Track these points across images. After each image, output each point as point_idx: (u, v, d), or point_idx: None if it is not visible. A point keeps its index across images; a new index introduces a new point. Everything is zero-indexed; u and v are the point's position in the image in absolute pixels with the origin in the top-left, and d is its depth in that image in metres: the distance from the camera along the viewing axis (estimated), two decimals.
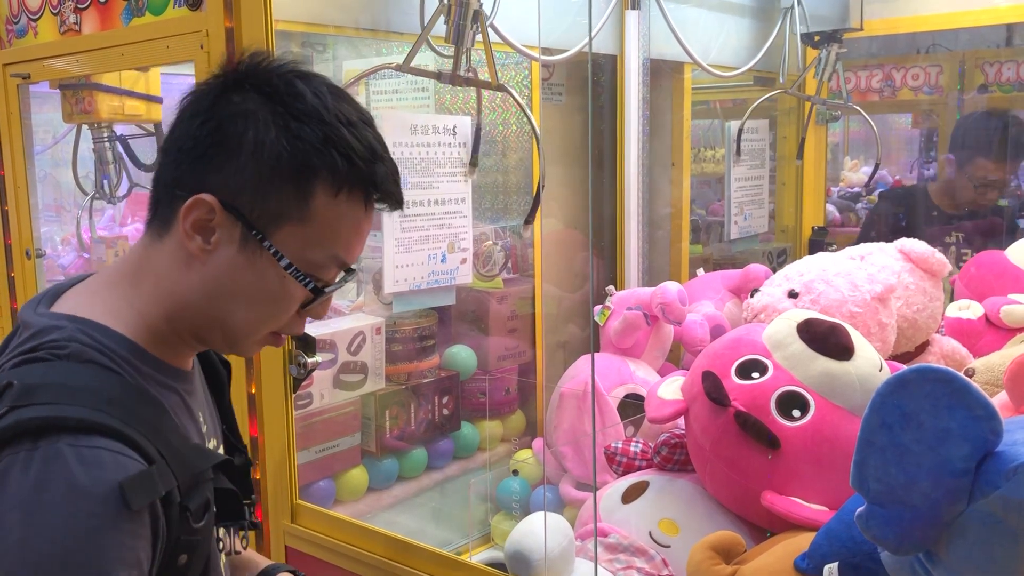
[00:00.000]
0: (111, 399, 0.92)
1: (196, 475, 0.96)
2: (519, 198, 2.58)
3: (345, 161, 0.97)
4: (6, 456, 0.87)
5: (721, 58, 2.87)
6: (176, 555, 0.95)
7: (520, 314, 2.55)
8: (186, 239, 0.97)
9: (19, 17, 2.38)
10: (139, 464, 0.89)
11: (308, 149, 0.96)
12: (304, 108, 0.96)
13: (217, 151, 0.97)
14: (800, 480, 1.55)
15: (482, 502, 2.30)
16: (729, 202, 3.01)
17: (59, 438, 0.87)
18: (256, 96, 0.97)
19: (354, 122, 0.99)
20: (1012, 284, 2.28)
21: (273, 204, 0.97)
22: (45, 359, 0.93)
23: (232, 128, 0.96)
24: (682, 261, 2.91)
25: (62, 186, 3.46)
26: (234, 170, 0.96)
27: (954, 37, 3.27)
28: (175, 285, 1.01)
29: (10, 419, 0.88)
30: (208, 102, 0.99)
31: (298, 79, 0.99)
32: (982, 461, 1.01)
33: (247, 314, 1.02)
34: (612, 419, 2.13)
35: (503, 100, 2.52)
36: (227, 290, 1.00)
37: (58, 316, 0.99)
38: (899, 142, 4.30)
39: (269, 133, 0.95)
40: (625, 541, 1.69)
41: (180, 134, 0.99)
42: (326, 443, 2.13)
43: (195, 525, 0.95)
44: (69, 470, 0.85)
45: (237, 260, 0.98)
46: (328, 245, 1.00)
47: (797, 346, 1.65)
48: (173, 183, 0.99)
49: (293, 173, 0.96)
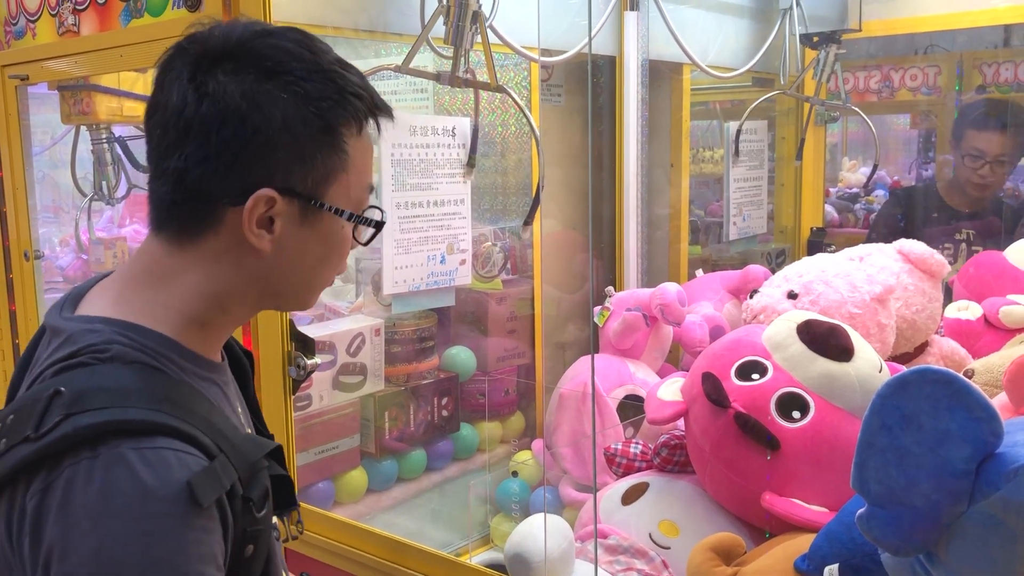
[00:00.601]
0: (164, 397, 0.92)
1: (252, 465, 0.97)
2: (518, 199, 2.58)
3: (356, 99, 0.99)
4: (67, 466, 0.86)
5: (720, 59, 2.88)
6: (243, 547, 0.95)
7: (519, 315, 2.56)
8: (252, 238, 0.97)
9: (17, 18, 2.38)
10: (202, 460, 0.89)
11: (329, 105, 0.97)
12: (301, 67, 0.96)
13: (250, 147, 0.95)
14: (800, 481, 1.55)
15: (482, 503, 2.30)
16: (728, 203, 3.01)
17: (120, 443, 0.86)
18: (251, 75, 0.95)
19: (338, 58, 1.00)
20: (1011, 285, 2.28)
21: (320, 168, 0.98)
22: (88, 364, 0.92)
23: (253, 118, 0.94)
24: (681, 262, 2.91)
25: (60, 187, 3.46)
26: (275, 157, 0.96)
27: (952, 38, 3.27)
28: (223, 284, 1.01)
29: (66, 427, 0.86)
30: (206, 101, 0.95)
31: (272, 39, 0.97)
32: (982, 462, 1.01)
33: (318, 273, 1.05)
34: (612, 420, 2.13)
35: (502, 101, 2.52)
36: (296, 263, 1.02)
37: (90, 319, 0.97)
38: (897, 143, 4.30)
39: (289, 106, 0.95)
40: (625, 543, 1.69)
41: (196, 142, 0.95)
42: (325, 444, 2.13)
43: (258, 515, 0.96)
44: (136, 474, 0.85)
45: (301, 233, 1.00)
46: (364, 178, 1.04)
47: (797, 347, 1.65)
48: (208, 193, 0.96)
49: (326, 132, 0.98)
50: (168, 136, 0.97)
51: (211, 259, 0.99)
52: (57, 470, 0.86)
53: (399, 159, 2.08)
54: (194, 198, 0.97)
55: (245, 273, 1.01)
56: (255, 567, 0.98)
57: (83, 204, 2.99)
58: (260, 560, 0.99)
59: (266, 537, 0.99)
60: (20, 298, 2.52)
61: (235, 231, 0.97)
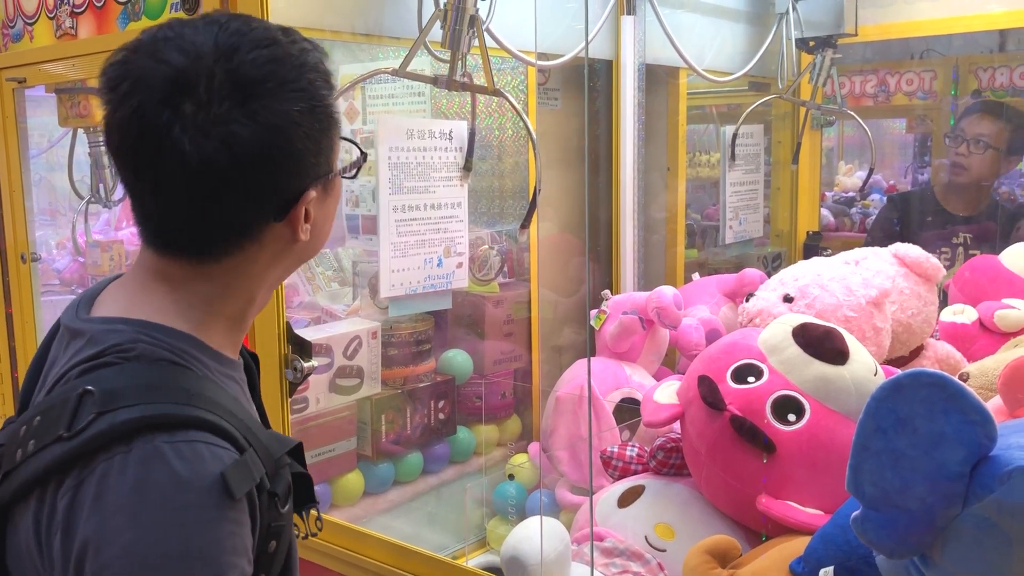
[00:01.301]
0: (193, 393, 0.92)
1: (276, 461, 0.98)
2: (515, 202, 2.59)
3: (323, 65, 1.00)
4: (101, 462, 0.86)
5: (717, 63, 2.88)
6: (267, 542, 0.96)
7: (516, 318, 2.56)
8: (303, 235, 1.00)
9: (15, 21, 2.38)
10: (233, 454, 0.90)
11: (318, 87, 0.98)
12: (287, 68, 0.95)
13: (282, 170, 0.95)
14: (796, 484, 1.55)
15: (478, 506, 2.30)
16: (724, 207, 3.02)
17: (154, 437, 0.87)
18: (257, 102, 0.92)
19: (283, 28, 0.99)
20: (1006, 288, 2.28)
21: (327, 147, 1.01)
22: (115, 363, 0.92)
23: (279, 145, 0.93)
24: (677, 265, 2.92)
25: (57, 190, 3.46)
26: (304, 164, 0.97)
27: (948, 43, 3.28)
28: (260, 281, 1.03)
29: (101, 424, 0.87)
30: (226, 150, 0.91)
31: (243, 55, 0.93)
32: (977, 465, 1.01)
33: (330, 225, 1.08)
34: (608, 423, 2.13)
35: (499, 105, 2.53)
36: (323, 229, 1.06)
37: (111, 320, 0.98)
38: (893, 147, 4.31)
39: (302, 115, 0.95)
40: (621, 545, 1.70)
41: (229, 188, 0.92)
42: (322, 447, 2.13)
43: (282, 510, 0.97)
44: (170, 467, 0.86)
45: (326, 203, 1.04)
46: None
47: (792, 350, 1.65)
48: (248, 223, 0.97)
49: (327, 117, 0.99)
50: (196, 191, 0.93)
51: (249, 265, 1.00)
52: (90, 466, 0.86)
53: (396, 162, 2.08)
54: (232, 229, 0.97)
55: (281, 263, 1.04)
56: (277, 562, 0.99)
57: (80, 207, 2.99)
58: (282, 556, 1.00)
59: (288, 533, 1.00)
60: (17, 301, 2.52)
61: (277, 237, 1.00)
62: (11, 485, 0.91)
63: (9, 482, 0.91)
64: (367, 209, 2.31)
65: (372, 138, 2.14)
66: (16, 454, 0.91)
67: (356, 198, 2.35)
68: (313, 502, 1.10)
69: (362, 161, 1.11)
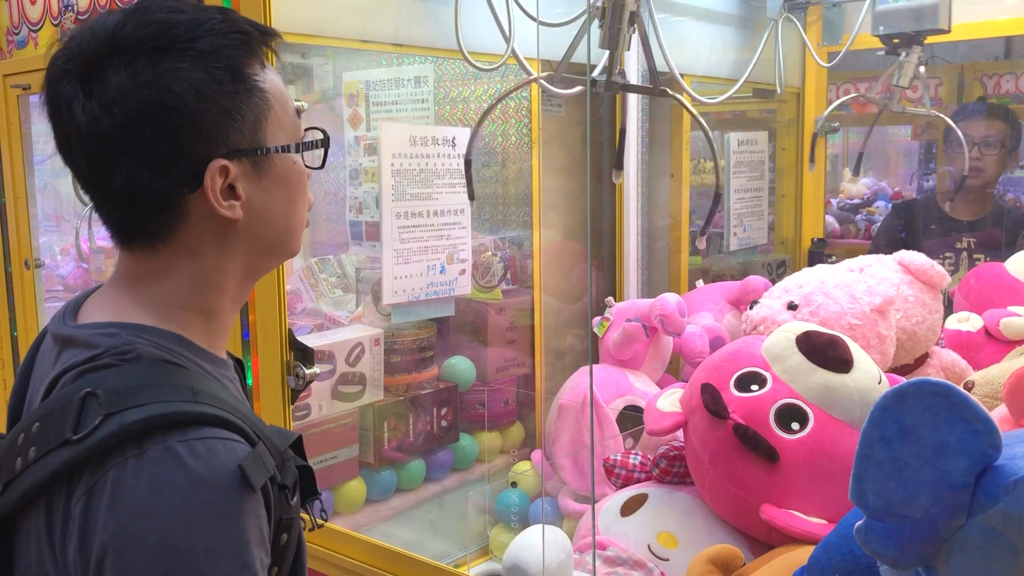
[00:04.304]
0: (198, 390, 0.92)
1: (282, 454, 0.98)
2: (518, 209, 2.59)
3: (244, 35, 0.98)
4: (113, 466, 0.85)
5: (720, 71, 2.88)
6: (279, 535, 0.96)
7: (519, 325, 2.55)
8: (224, 211, 0.96)
9: (20, 28, 2.39)
10: (246, 447, 0.90)
11: (226, 52, 0.95)
12: (183, 30, 0.94)
13: (180, 131, 0.93)
14: (799, 493, 1.55)
15: (480, 514, 2.29)
16: (728, 214, 3.01)
17: (165, 437, 0.86)
18: (143, 61, 0.92)
19: (200, 5, 0.99)
20: (1011, 296, 2.27)
21: (248, 116, 0.97)
22: (113, 364, 0.92)
23: (168, 102, 0.92)
24: (681, 272, 2.91)
25: (62, 196, 3.47)
26: (206, 126, 0.94)
27: (953, 49, 3.28)
28: (212, 267, 1.00)
29: (111, 425, 0.86)
30: (116, 108, 0.91)
31: (139, 17, 0.94)
32: (981, 475, 1.00)
33: (291, 215, 1.04)
34: (611, 431, 2.12)
35: (503, 112, 2.53)
36: (269, 215, 1.02)
37: (102, 325, 0.97)
38: (898, 154, 4.31)
39: (194, 72, 0.93)
40: (624, 554, 1.69)
41: (128, 152, 0.93)
42: (324, 454, 2.13)
43: (292, 502, 0.97)
44: (186, 466, 0.85)
45: (263, 185, 1.00)
46: (288, 107, 1.03)
47: (796, 359, 1.64)
48: (165, 194, 0.95)
49: (238, 80, 0.96)
50: (96, 159, 0.94)
51: (191, 249, 0.99)
52: (101, 471, 0.85)
53: (399, 169, 2.08)
54: (152, 204, 0.96)
55: (228, 247, 1.00)
56: (289, 555, 0.99)
57: (84, 213, 2.99)
58: (292, 548, 0.99)
59: (297, 525, 1.00)
60: (20, 307, 2.53)
61: (204, 214, 0.97)
62: (12, 495, 0.89)
63: (10, 492, 0.89)
64: (370, 216, 2.31)
65: (376, 145, 2.15)
66: (16, 463, 0.89)
67: (360, 204, 2.35)
68: (316, 494, 1.09)
69: (318, 144, 1.06)
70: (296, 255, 1.14)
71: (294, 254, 1.11)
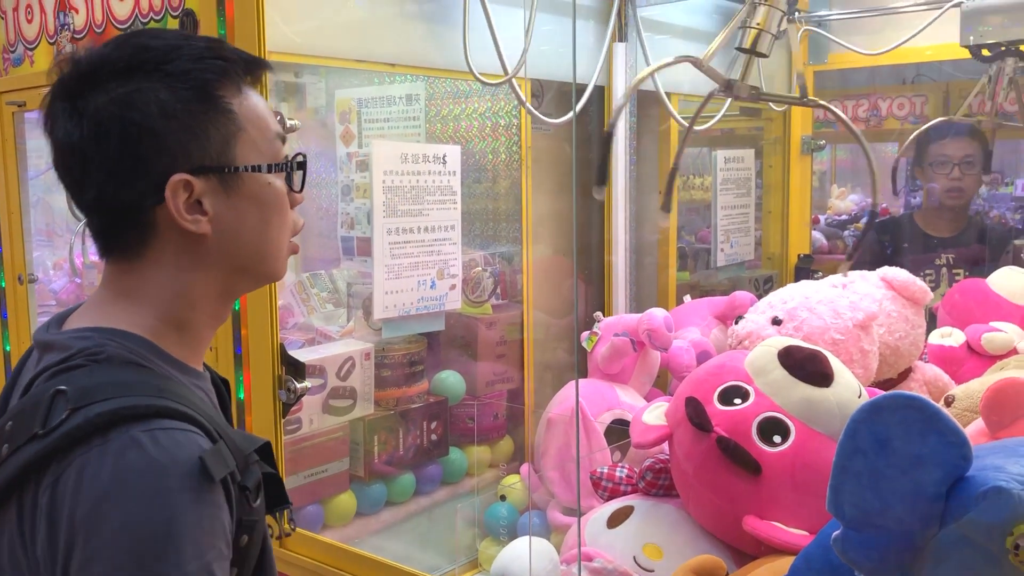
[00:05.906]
0: (163, 388, 0.95)
1: (246, 457, 1.00)
2: (508, 225, 2.61)
3: (220, 60, 1.01)
4: (78, 456, 0.88)
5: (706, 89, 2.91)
6: (239, 536, 0.98)
7: (509, 340, 2.58)
8: (189, 225, 0.99)
9: (16, 46, 2.42)
10: (208, 441, 0.93)
11: (196, 75, 0.99)
12: (155, 54, 0.99)
13: (141, 144, 0.97)
14: (781, 505, 1.57)
15: (470, 527, 2.31)
16: (716, 230, 3.04)
17: (129, 427, 0.89)
18: (114, 81, 0.98)
19: (184, 33, 1.06)
20: (993, 312, 2.31)
21: (215, 136, 1.00)
22: (84, 365, 0.95)
23: (131, 117, 0.97)
24: (669, 288, 2.94)
25: (55, 211, 3.48)
26: (169, 142, 0.98)
27: (938, 68, 3.32)
28: (185, 281, 1.03)
29: (77, 419, 0.89)
30: (84, 122, 0.98)
31: (120, 41, 1.01)
32: (953, 486, 1.03)
33: (267, 236, 1.06)
34: (600, 444, 2.14)
35: (493, 129, 2.56)
36: (241, 233, 1.04)
37: (80, 330, 1.01)
38: (885, 171, 4.34)
39: (159, 92, 0.97)
40: (610, 565, 1.71)
41: (95, 164, 0.98)
42: (315, 468, 2.14)
43: (253, 505, 0.99)
44: (147, 454, 0.88)
45: (232, 203, 1.02)
46: (266, 132, 1.06)
47: (778, 373, 1.67)
48: (129, 205, 0.99)
49: (204, 101, 1.00)
50: (74, 172, 1.00)
51: (163, 262, 1.02)
52: (67, 460, 0.88)
53: (390, 186, 2.11)
54: (120, 216, 1.00)
55: (199, 262, 1.03)
56: (251, 558, 1.01)
57: (77, 228, 3.01)
58: (255, 551, 1.01)
59: (260, 528, 1.02)
60: (13, 322, 2.54)
61: (171, 227, 1.00)
62: None
63: None
64: (362, 231, 2.34)
65: (367, 161, 2.17)
66: None
67: (351, 220, 2.38)
68: (286, 503, 1.12)
69: (292, 165, 1.08)
70: (280, 279, 1.16)
71: (276, 278, 1.13)
